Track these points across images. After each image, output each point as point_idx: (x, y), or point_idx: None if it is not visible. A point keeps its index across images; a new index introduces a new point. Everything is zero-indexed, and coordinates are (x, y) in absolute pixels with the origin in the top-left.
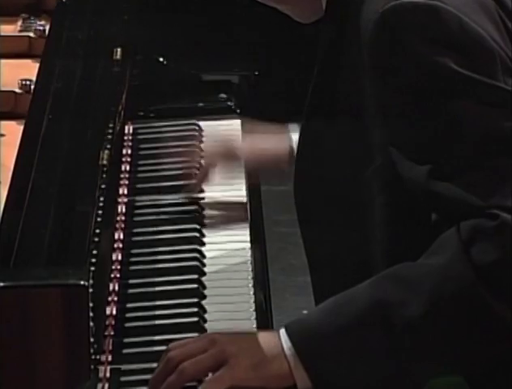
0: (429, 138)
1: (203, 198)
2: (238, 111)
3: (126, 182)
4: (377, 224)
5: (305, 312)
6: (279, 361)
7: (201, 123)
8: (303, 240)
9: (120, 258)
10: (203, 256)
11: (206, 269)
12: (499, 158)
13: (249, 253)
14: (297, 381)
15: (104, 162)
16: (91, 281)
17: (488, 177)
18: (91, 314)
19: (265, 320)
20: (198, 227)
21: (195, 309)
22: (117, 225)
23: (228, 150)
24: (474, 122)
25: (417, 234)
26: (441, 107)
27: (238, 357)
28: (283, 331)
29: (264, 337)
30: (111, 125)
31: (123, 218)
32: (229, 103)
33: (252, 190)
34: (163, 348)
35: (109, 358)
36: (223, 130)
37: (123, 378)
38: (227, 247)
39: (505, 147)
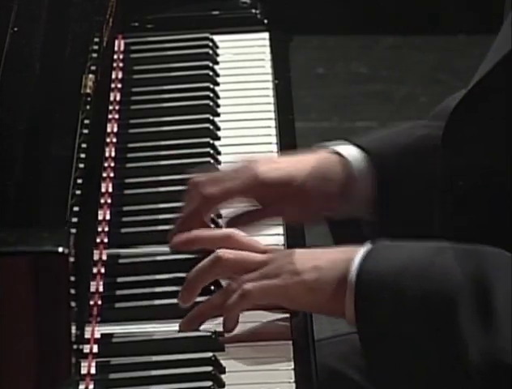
0: None
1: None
2: (266, 21)
3: (116, 117)
4: None
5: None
6: (335, 291)
7: (215, 38)
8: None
9: (108, 217)
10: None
11: None
12: None
13: None
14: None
15: (88, 90)
16: (71, 248)
17: None
18: (71, 291)
19: None
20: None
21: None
22: (105, 174)
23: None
24: None
25: None
26: None
27: (296, 278)
28: (352, 275)
29: (331, 263)
30: (96, 40)
31: (112, 164)
32: (254, 10)
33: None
34: (163, 337)
35: (95, 349)
36: (245, 46)
37: (113, 376)
38: None
39: None
